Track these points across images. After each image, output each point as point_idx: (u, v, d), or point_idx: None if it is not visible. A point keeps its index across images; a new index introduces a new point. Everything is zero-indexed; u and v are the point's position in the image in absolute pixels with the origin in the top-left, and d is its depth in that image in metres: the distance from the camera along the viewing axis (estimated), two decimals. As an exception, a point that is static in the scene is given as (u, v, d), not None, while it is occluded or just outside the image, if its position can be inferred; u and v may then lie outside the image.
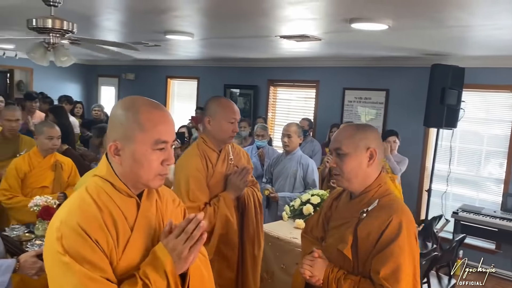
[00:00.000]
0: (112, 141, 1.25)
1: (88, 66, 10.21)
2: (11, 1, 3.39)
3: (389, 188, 1.71)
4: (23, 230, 2.40)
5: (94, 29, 4.75)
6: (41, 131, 3.22)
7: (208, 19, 3.91)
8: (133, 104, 1.27)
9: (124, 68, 9.47)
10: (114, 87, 9.92)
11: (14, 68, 9.37)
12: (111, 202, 1.25)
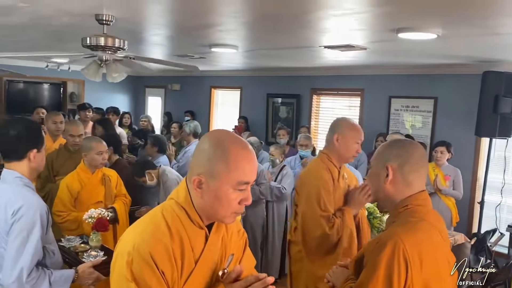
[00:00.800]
0: (196, 174, 1.27)
1: (136, 77, 10.57)
2: (67, 20, 3.58)
3: (420, 212, 1.55)
4: (78, 241, 2.52)
5: (143, 44, 4.93)
6: (90, 147, 3.20)
7: (252, 32, 3.96)
8: (222, 141, 1.28)
9: (170, 79, 9.74)
10: (161, 97, 10.21)
11: (67, 80, 9.86)
12: (183, 231, 1.27)
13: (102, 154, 3.24)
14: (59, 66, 8.72)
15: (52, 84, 9.92)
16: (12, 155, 2.03)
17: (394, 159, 1.58)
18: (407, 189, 1.57)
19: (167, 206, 1.31)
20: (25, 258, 1.88)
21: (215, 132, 1.35)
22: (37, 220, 1.93)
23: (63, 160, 3.73)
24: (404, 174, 1.57)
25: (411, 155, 1.59)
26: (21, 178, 2.02)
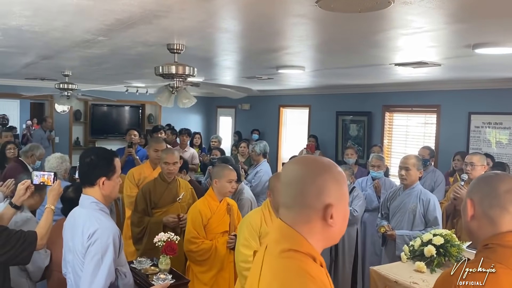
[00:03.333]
0: (322, 208, 1.19)
1: (208, 98, 10.95)
2: (142, 50, 3.80)
3: (500, 254, 1.37)
4: (149, 263, 2.61)
5: (213, 68, 5.09)
6: (222, 174, 3.12)
7: (319, 53, 3.93)
8: (326, 164, 1.26)
9: (240, 99, 9.96)
10: (231, 117, 10.47)
11: (145, 103, 10.46)
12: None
13: (232, 183, 3.18)
14: (137, 90, 9.30)
15: (132, 106, 10.59)
16: (86, 181, 2.18)
17: (475, 193, 1.47)
18: (489, 227, 1.42)
19: (301, 264, 1.16)
20: (99, 280, 1.97)
21: (313, 161, 1.29)
22: (110, 244, 2.03)
23: (161, 191, 3.59)
24: (485, 210, 1.43)
25: (493, 188, 1.44)
26: (96, 203, 2.15)
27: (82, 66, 5.38)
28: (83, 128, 9.91)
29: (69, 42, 3.56)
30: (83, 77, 6.79)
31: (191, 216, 3.19)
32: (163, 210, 3.51)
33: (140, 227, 3.42)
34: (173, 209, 3.52)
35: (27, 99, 11.23)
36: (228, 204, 3.31)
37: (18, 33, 3.24)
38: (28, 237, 2.44)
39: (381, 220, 3.93)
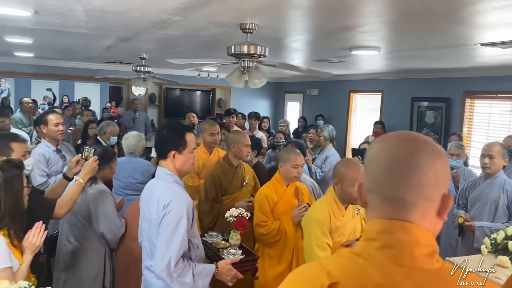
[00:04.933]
0: (440, 198, 0.95)
1: (276, 83, 10.92)
2: (215, 31, 3.84)
3: None
4: (220, 238, 2.66)
5: (283, 50, 5.05)
6: (288, 159, 3.08)
7: (396, 32, 3.73)
8: (437, 145, 0.99)
9: (308, 84, 9.83)
10: (299, 102, 10.38)
11: (215, 87, 10.67)
12: None
13: (298, 168, 3.10)
14: (208, 75, 9.48)
15: (203, 91, 10.85)
16: (160, 154, 2.26)
17: None
18: None
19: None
20: (173, 249, 2.04)
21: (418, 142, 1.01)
22: (184, 214, 2.09)
23: (230, 176, 3.51)
24: None
25: None
26: (171, 175, 2.22)
27: (157, 49, 5.58)
28: (157, 110, 10.34)
29: (146, 22, 3.68)
30: (157, 61, 7.03)
31: (257, 201, 3.16)
32: (233, 196, 3.44)
33: (212, 215, 3.34)
34: (242, 194, 3.46)
35: (106, 81, 11.93)
36: (297, 188, 3.22)
37: (100, 14, 3.41)
38: (47, 204, 2.57)
39: (457, 210, 3.70)
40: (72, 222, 2.94)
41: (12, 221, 2.00)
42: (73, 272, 2.94)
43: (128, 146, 4.26)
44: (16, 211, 2.03)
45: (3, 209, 1.97)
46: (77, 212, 2.91)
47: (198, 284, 2.11)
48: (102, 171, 3.05)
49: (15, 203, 2.02)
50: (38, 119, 4.56)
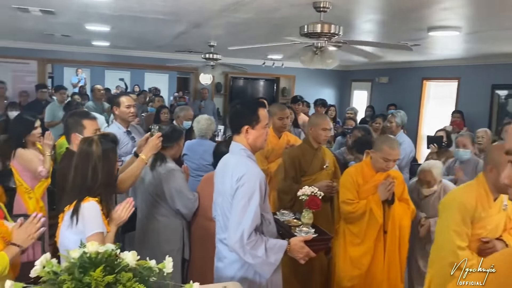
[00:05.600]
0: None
1: (343, 72, 10.67)
2: (287, 11, 3.80)
3: None
4: (291, 216, 2.64)
5: (354, 32, 4.89)
6: (381, 148, 2.93)
7: (481, 8, 3.46)
8: None
9: (377, 72, 9.50)
10: (367, 91, 10.07)
11: (280, 76, 10.64)
12: None
13: (388, 162, 2.93)
14: (274, 63, 9.47)
15: (267, 80, 10.87)
16: (233, 129, 2.27)
17: None
18: None
19: None
20: (246, 221, 2.04)
21: None
22: (257, 188, 2.09)
23: (310, 158, 3.44)
24: None
25: None
26: (244, 150, 2.22)
27: (226, 35, 5.65)
28: (223, 99, 10.52)
29: (219, 6, 3.72)
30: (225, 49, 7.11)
31: (343, 180, 3.10)
32: (312, 178, 3.36)
33: (291, 195, 3.22)
34: (321, 177, 3.40)
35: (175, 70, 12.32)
36: (389, 175, 3.05)
37: (176, -3, 3.49)
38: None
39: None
40: (149, 201, 3.06)
41: (105, 191, 2.11)
42: (154, 247, 3.05)
43: (200, 129, 4.36)
44: (110, 182, 2.13)
45: (100, 178, 2.07)
46: (152, 191, 3.03)
47: (271, 258, 2.10)
48: (171, 149, 3.13)
49: (110, 174, 2.12)
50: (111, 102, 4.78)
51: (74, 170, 2.10)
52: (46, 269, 1.64)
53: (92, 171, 2.06)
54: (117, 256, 1.73)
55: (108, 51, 9.17)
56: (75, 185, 2.07)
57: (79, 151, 2.12)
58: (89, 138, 2.17)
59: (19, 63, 8.69)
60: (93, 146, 2.09)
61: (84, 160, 2.08)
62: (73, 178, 2.09)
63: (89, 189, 2.05)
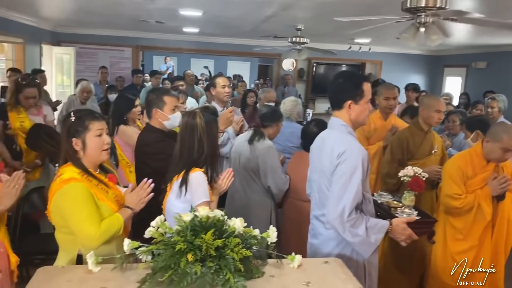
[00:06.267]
0: None
1: (434, 56, 10.06)
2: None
3: None
4: (390, 198, 2.54)
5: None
6: (499, 138, 2.65)
7: None
8: None
9: (474, 56, 8.81)
10: (461, 77, 9.39)
11: (366, 61, 10.30)
12: None
13: (508, 153, 2.67)
14: (360, 48, 9.18)
15: (350, 65, 10.57)
16: (334, 104, 2.20)
17: None
18: None
19: None
20: (347, 198, 1.99)
21: None
22: (359, 165, 2.02)
23: (419, 141, 3.26)
24: None
25: None
26: (345, 126, 2.15)
27: (314, 18, 5.56)
28: (305, 85, 10.43)
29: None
30: (311, 33, 7.01)
31: (448, 171, 2.84)
32: (420, 162, 3.13)
33: (397, 178, 2.96)
34: (429, 162, 3.20)
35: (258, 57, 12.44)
36: (497, 165, 2.78)
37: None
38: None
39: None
40: (243, 176, 3.12)
41: (210, 162, 2.18)
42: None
43: (285, 110, 4.35)
44: (214, 153, 2.19)
45: (205, 150, 2.13)
46: (248, 166, 3.08)
47: (371, 238, 2.03)
48: (270, 128, 3.19)
49: (213, 145, 2.19)
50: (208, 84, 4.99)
51: (180, 143, 2.17)
52: (160, 231, 1.73)
53: (198, 143, 2.13)
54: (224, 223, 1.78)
55: (196, 38, 9.49)
56: (182, 156, 2.14)
57: (184, 124, 2.19)
58: (192, 111, 2.23)
59: (116, 50, 9.34)
60: (197, 119, 2.15)
61: (190, 133, 2.15)
62: (180, 150, 2.16)
63: (196, 160, 2.13)
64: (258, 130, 3.02)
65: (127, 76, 8.61)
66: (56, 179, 1.93)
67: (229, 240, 1.68)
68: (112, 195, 2.02)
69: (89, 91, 5.45)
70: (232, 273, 1.60)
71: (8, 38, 6.80)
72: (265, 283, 1.67)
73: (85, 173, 1.94)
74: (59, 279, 1.65)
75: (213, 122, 2.21)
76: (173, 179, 2.15)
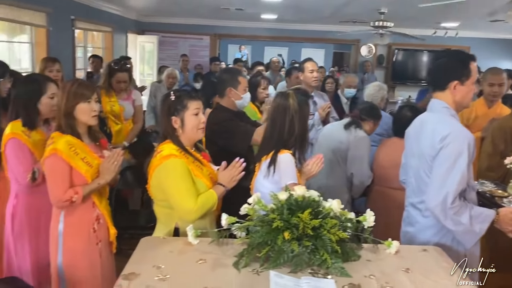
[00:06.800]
0: None
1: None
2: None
3: None
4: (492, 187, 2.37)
5: None
6: None
7: None
8: None
9: None
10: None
11: (450, 47, 9.64)
12: None
13: None
14: (446, 32, 8.63)
15: (433, 51, 9.97)
16: (437, 84, 2.06)
17: None
18: None
19: None
20: (451, 184, 1.87)
21: None
22: (465, 149, 1.89)
23: None
24: None
25: None
26: (448, 108, 2.02)
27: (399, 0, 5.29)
28: (384, 72, 10.04)
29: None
30: (395, 17, 6.71)
31: None
32: None
33: (500, 172, 2.79)
34: None
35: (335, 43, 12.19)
36: None
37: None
38: (247, 131, 2.64)
39: None
40: (329, 159, 3.07)
41: (299, 144, 2.16)
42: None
43: (367, 95, 4.21)
44: (303, 135, 2.17)
45: (296, 131, 2.12)
46: (337, 151, 3.05)
47: (475, 227, 1.90)
48: (366, 124, 3.13)
49: (304, 127, 2.17)
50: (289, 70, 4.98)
51: (271, 123, 2.17)
52: (256, 207, 1.75)
53: (289, 124, 2.11)
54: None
55: (272, 25, 9.49)
56: (272, 137, 2.14)
57: (276, 105, 2.18)
58: (284, 92, 2.22)
59: (195, 38, 9.62)
60: (290, 100, 2.13)
61: (281, 114, 2.13)
62: (270, 131, 2.17)
63: (285, 141, 2.12)
64: (356, 119, 3.00)
65: (205, 64, 8.84)
66: (156, 155, 2.01)
67: (325, 221, 1.65)
68: (206, 172, 2.08)
69: (174, 77, 5.66)
70: (329, 254, 1.58)
71: (99, 27, 7.25)
72: (361, 267, 1.63)
73: (183, 150, 2.01)
74: (162, 248, 1.73)
75: (305, 103, 2.19)
76: (261, 159, 2.17)
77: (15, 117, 2.29)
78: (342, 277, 1.54)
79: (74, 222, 2.08)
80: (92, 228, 2.12)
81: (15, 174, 2.28)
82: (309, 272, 1.57)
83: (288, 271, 1.55)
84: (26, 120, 2.27)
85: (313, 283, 1.48)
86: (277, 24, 9.43)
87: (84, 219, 2.11)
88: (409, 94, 9.24)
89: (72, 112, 2.06)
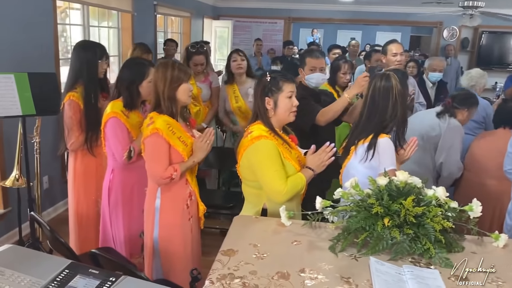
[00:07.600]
0: None
1: None
2: None
3: None
4: None
5: None
6: None
7: None
8: None
9: None
10: None
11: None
12: None
13: None
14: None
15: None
16: None
17: None
18: None
19: None
20: None
21: None
22: None
23: None
24: None
25: None
26: None
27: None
28: (468, 57, 9.37)
29: None
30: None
31: None
32: None
33: None
34: None
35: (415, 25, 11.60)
36: None
37: None
38: (313, 110, 2.64)
39: None
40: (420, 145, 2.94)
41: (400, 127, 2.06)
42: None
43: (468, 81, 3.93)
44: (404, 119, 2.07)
45: (398, 114, 2.02)
46: (428, 137, 2.90)
47: None
48: (459, 112, 2.95)
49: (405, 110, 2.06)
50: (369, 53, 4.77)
51: (370, 106, 2.07)
52: (352, 191, 1.70)
53: (392, 106, 2.02)
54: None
55: (348, 8, 9.19)
56: (371, 120, 2.06)
57: (377, 87, 2.05)
58: (384, 73, 2.11)
59: (268, 23, 9.58)
60: (392, 81, 2.03)
61: (384, 96, 2.02)
62: (368, 114, 2.07)
63: (387, 125, 2.03)
64: (449, 108, 2.85)
65: (278, 48, 8.78)
66: (247, 135, 2.02)
67: (429, 209, 1.57)
68: (294, 154, 2.06)
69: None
70: (432, 243, 1.50)
71: (178, 12, 7.44)
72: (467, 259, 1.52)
73: (272, 132, 2.00)
74: (255, 227, 1.75)
75: (405, 85, 2.08)
76: (357, 143, 2.09)
77: (117, 97, 2.41)
78: (445, 268, 1.45)
79: (170, 198, 2.16)
80: (186, 204, 2.19)
81: (112, 151, 2.41)
82: (410, 261, 1.50)
83: (388, 259, 1.50)
84: (127, 100, 2.38)
85: (416, 272, 1.42)
86: (353, 7, 9.11)
87: (179, 195, 2.18)
88: (495, 81, 8.56)
89: (175, 93, 2.12)
